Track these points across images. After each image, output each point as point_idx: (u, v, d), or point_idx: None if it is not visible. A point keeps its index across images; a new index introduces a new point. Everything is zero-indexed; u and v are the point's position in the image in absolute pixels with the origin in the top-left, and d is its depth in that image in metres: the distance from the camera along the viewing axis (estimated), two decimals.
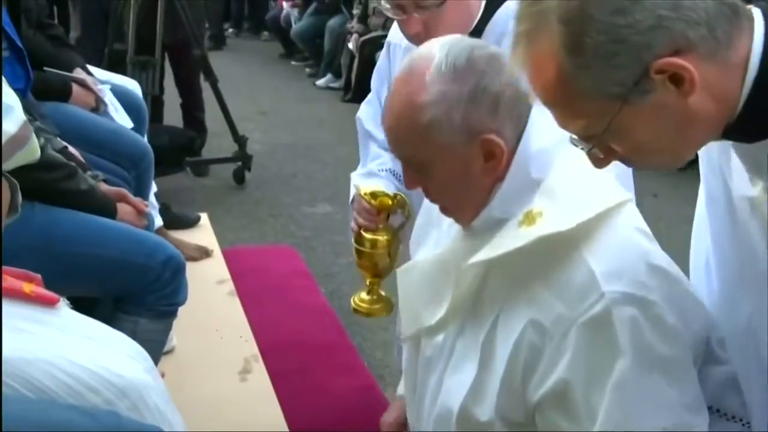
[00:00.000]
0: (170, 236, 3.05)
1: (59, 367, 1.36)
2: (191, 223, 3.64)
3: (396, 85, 1.19)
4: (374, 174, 1.92)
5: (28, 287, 1.48)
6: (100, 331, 1.54)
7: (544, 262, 1.14)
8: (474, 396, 1.23)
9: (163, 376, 2.34)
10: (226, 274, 3.23)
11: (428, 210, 1.45)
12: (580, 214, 1.13)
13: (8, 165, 1.37)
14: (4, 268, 1.45)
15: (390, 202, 1.80)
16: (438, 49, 1.17)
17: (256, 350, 2.68)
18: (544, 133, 1.18)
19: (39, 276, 1.51)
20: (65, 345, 1.42)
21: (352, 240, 1.83)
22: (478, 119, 1.15)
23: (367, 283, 1.85)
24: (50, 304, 1.48)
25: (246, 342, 2.74)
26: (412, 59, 1.19)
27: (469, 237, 1.27)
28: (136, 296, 1.86)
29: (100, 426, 1.17)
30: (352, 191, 1.86)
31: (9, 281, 1.46)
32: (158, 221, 2.94)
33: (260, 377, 2.54)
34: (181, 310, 2.02)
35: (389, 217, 1.83)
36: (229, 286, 3.13)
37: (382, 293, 1.88)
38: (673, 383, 1.11)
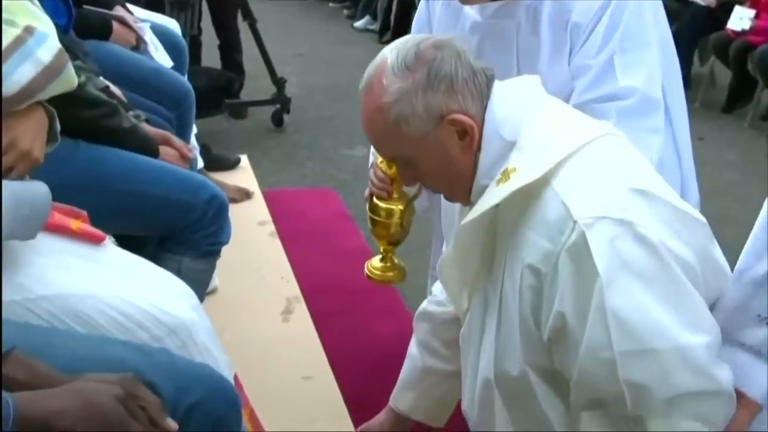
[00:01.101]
0: (211, 177, 3.03)
1: (109, 304, 1.36)
2: (231, 164, 3.63)
3: (362, 97, 1.29)
4: None
5: (75, 224, 1.47)
6: (148, 269, 1.54)
7: (524, 208, 1.21)
8: (502, 354, 1.30)
9: None
10: (266, 215, 3.22)
11: None
12: (548, 161, 1.19)
13: (44, 95, 1.35)
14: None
15: None
16: (388, 53, 1.28)
17: (297, 291, 2.68)
18: (509, 97, 1.28)
19: (85, 213, 1.50)
20: (114, 282, 1.42)
21: (367, 208, 1.84)
22: (439, 103, 1.23)
23: (381, 251, 1.86)
24: (97, 241, 1.47)
25: (288, 283, 2.74)
26: (368, 70, 1.29)
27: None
28: (180, 235, 1.86)
29: (153, 363, 1.17)
30: (371, 158, 1.87)
31: (56, 217, 1.46)
32: (199, 162, 2.93)
33: (302, 318, 2.55)
34: (222, 250, 2.02)
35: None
36: (270, 227, 3.13)
37: (396, 261, 1.88)
38: (660, 300, 1.13)
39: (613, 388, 1.15)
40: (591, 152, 1.22)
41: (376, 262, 1.88)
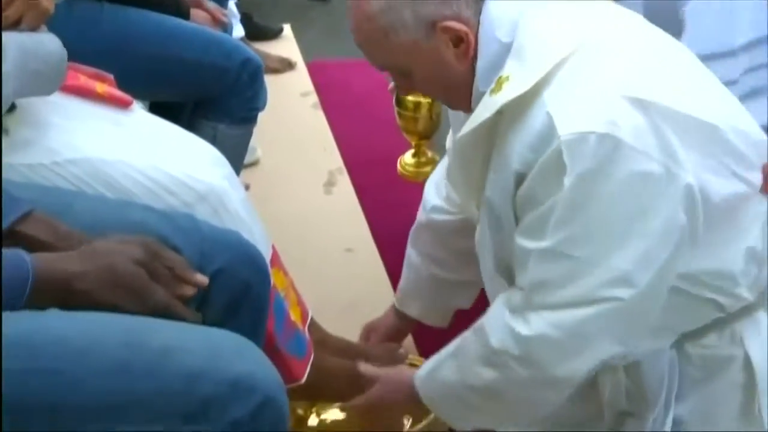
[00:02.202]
0: (252, 47, 2.94)
1: (137, 169, 1.32)
2: (274, 34, 3.51)
3: (350, 4, 1.19)
4: None
5: (100, 87, 1.42)
6: (178, 135, 1.49)
7: (516, 117, 1.11)
8: (501, 258, 1.22)
9: (247, 188, 2.33)
10: (309, 86, 3.13)
11: None
12: (540, 68, 1.09)
13: None
14: (75, 65, 1.39)
15: None
16: None
17: (340, 163, 2.63)
18: None
19: (111, 76, 1.45)
20: (142, 146, 1.38)
21: (393, 102, 1.73)
22: (429, 11, 1.13)
23: (413, 145, 1.76)
24: (124, 105, 1.42)
25: (330, 155, 2.68)
26: None
27: None
28: (215, 100, 1.79)
29: (176, 227, 1.13)
30: None
31: (81, 80, 1.41)
32: (240, 31, 2.83)
33: (345, 190, 2.49)
34: (264, 121, 1.96)
35: None
36: (313, 98, 3.04)
37: (430, 154, 1.79)
38: (614, 227, 1.06)
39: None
40: (591, 54, 1.10)
41: (408, 158, 1.83)
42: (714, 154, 1.10)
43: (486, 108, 1.13)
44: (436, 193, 1.60)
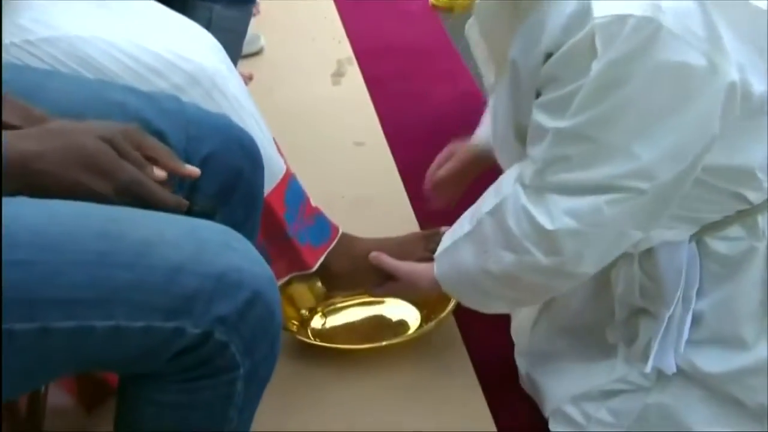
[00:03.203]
0: None
1: (118, 47, 1.20)
2: None
3: None
4: None
5: None
6: (170, 17, 1.35)
7: None
8: (518, 116, 1.11)
9: (250, 79, 2.22)
10: None
11: None
12: None
13: None
14: None
15: None
16: None
17: (350, 53, 2.49)
18: None
19: None
20: (126, 26, 1.25)
21: None
22: None
23: None
24: None
25: (339, 44, 2.54)
26: None
27: None
28: None
29: (160, 109, 1.02)
30: None
31: None
32: None
33: (354, 81, 2.37)
34: (268, 8, 1.84)
35: None
36: None
37: None
38: (647, 124, 0.95)
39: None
40: None
41: None
42: (763, 48, 0.98)
43: None
44: None
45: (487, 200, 1.14)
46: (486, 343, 1.50)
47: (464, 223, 1.19)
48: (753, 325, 1.12)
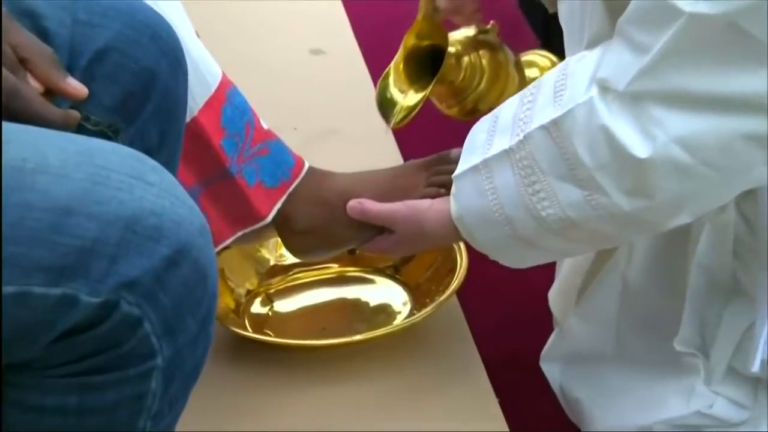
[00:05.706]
0: None
1: None
2: None
3: None
4: None
5: None
6: None
7: None
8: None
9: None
10: None
11: None
12: None
13: None
14: None
15: None
16: None
17: None
18: None
19: None
20: None
21: None
22: None
23: None
24: None
25: None
26: None
27: None
28: None
29: None
30: None
31: None
32: None
33: None
34: None
35: None
36: None
37: None
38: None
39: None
40: None
41: None
42: None
43: None
44: None
45: (540, 104, 0.87)
46: (490, 329, 1.21)
47: (496, 134, 0.91)
48: None
